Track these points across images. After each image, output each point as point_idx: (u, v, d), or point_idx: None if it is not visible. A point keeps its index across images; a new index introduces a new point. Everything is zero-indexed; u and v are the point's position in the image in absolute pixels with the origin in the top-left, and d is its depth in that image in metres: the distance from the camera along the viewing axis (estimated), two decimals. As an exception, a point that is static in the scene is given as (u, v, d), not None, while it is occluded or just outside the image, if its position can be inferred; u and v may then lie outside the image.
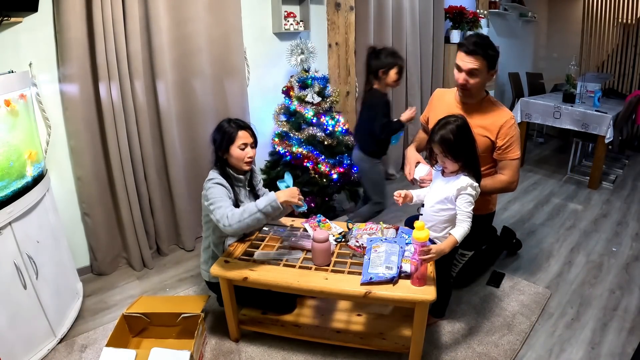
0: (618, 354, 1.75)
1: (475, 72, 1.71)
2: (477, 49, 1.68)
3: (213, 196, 1.64)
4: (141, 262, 2.44)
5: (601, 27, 5.44)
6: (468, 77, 1.73)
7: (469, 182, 1.54)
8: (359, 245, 1.71)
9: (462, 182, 1.54)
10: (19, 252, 1.61)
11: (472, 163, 1.56)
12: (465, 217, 1.54)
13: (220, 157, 1.76)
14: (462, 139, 1.52)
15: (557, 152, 4.85)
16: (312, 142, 2.69)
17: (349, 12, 3.10)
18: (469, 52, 1.69)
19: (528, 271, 2.37)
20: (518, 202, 3.38)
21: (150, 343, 1.73)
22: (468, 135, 1.54)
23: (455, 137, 1.50)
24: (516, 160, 1.81)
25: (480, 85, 1.75)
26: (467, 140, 1.54)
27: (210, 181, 1.69)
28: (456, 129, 1.51)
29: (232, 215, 1.57)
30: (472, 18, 4.22)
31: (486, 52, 1.69)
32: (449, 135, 1.51)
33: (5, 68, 1.77)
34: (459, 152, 1.52)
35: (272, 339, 1.80)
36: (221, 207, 1.60)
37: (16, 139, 1.62)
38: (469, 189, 1.53)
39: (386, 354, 1.72)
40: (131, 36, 2.14)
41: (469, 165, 1.56)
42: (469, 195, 1.53)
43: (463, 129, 1.53)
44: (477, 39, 1.71)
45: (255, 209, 1.57)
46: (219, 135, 1.75)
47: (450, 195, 1.56)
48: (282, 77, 3.00)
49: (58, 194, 2.07)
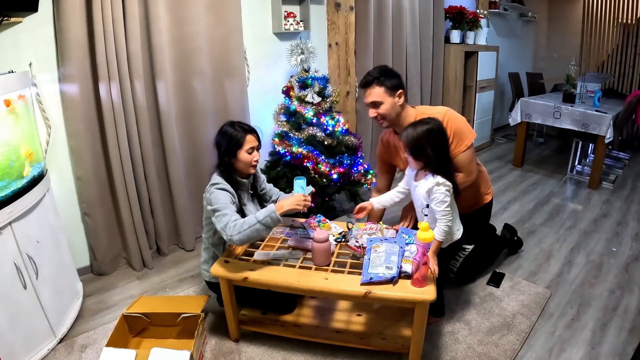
0: (618, 354, 1.75)
1: (378, 102, 1.74)
2: (368, 80, 1.73)
3: (217, 202, 1.62)
4: (141, 262, 2.44)
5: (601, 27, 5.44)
6: (374, 109, 1.76)
7: (436, 180, 1.55)
8: (359, 246, 1.71)
9: (429, 184, 1.56)
10: (19, 252, 1.61)
11: (437, 165, 1.56)
12: (440, 216, 1.56)
13: (226, 162, 1.74)
14: (427, 142, 1.53)
15: (557, 152, 4.86)
16: (312, 142, 2.69)
17: (349, 12, 3.10)
18: (363, 86, 1.75)
19: (528, 271, 2.37)
20: (518, 202, 3.38)
21: (150, 343, 1.73)
22: (435, 140, 1.54)
23: (418, 138, 1.53)
24: (464, 153, 1.79)
25: (392, 110, 1.77)
26: (433, 145, 1.54)
27: (214, 186, 1.67)
28: (424, 132, 1.54)
29: (234, 226, 1.56)
30: (472, 18, 4.22)
31: (378, 79, 1.73)
32: (413, 134, 1.54)
33: (5, 68, 1.77)
34: (420, 153, 1.55)
35: (272, 339, 1.80)
36: (226, 215, 1.59)
37: (16, 139, 1.62)
38: (436, 187, 1.55)
39: (386, 354, 1.72)
40: (131, 36, 2.14)
41: (430, 166, 1.57)
42: (439, 194, 1.55)
43: (432, 133, 1.54)
44: (370, 71, 1.77)
45: (254, 221, 1.57)
46: (224, 140, 1.71)
47: (423, 202, 1.62)
48: (282, 77, 3.00)
49: (58, 194, 2.07)
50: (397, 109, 1.78)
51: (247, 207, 1.81)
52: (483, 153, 4.80)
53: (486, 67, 4.49)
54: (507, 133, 5.60)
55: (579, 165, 4.12)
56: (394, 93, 1.75)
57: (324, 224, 1.91)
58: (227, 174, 1.73)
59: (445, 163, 1.58)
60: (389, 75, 1.75)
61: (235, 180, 1.75)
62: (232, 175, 1.74)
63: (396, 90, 1.76)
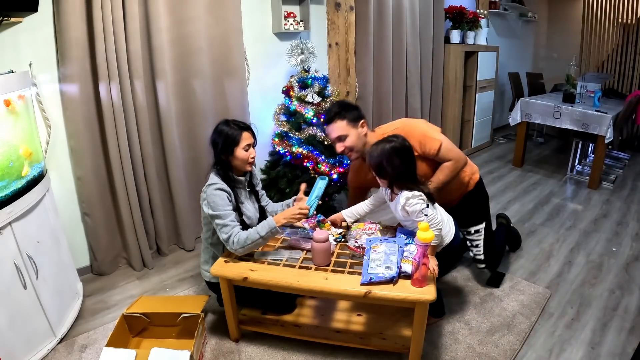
0: (618, 354, 1.75)
1: (343, 136, 1.78)
2: (329, 117, 1.78)
3: (217, 208, 1.64)
4: (141, 262, 2.44)
5: (601, 27, 5.44)
6: (341, 142, 1.78)
7: (405, 195, 1.56)
8: (358, 246, 1.71)
9: (401, 201, 1.57)
10: (19, 252, 1.61)
11: (402, 181, 1.57)
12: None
13: (223, 160, 1.74)
14: (387, 161, 1.54)
15: (557, 152, 4.86)
16: (312, 142, 2.69)
17: (349, 12, 3.10)
18: (326, 123, 1.79)
19: (528, 271, 2.37)
20: (518, 202, 3.38)
21: (150, 343, 1.73)
22: (396, 157, 1.55)
23: (379, 158, 1.55)
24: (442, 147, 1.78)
25: (358, 141, 1.80)
26: (393, 162, 1.54)
27: (211, 186, 1.67)
28: (385, 151, 1.55)
29: (237, 241, 1.62)
30: (472, 18, 4.22)
31: (339, 114, 1.76)
32: (374, 155, 1.57)
33: (5, 68, 1.77)
34: (383, 172, 1.57)
35: (272, 339, 1.80)
36: (227, 225, 1.64)
37: (16, 139, 1.62)
38: (409, 202, 1.55)
39: (386, 354, 1.72)
40: (131, 36, 2.14)
41: (395, 182, 1.58)
42: (414, 207, 1.55)
43: (394, 150, 1.55)
44: (329, 108, 1.83)
45: (257, 236, 1.63)
46: (221, 138, 1.71)
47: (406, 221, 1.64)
48: (282, 77, 3.00)
49: (58, 194, 2.07)
50: (362, 139, 1.82)
51: (244, 205, 1.81)
52: (483, 153, 4.80)
53: (486, 67, 4.49)
54: (507, 133, 5.60)
55: (579, 165, 4.12)
56: (356, 124, 1.79)
57: (324, 224, 1.91)
58: (224, 172, 1.74)
59: (409, 177, 1.58)
60: (349, 108, 1.80)
61: (232, 179, 1.75)
62: (229, 173, 1.75)
63: (358, 121, 1.80)
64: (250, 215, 1.83)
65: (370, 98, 3.48)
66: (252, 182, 1.92)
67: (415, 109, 3.89)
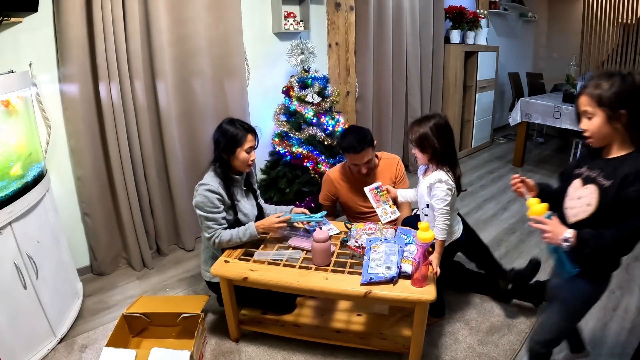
0: (618, 354, 1.75)
1: (370, 160, 2.04)
2: (362, 145, 1.96)
3: (204, 210, 1.70)
4: (141, 262, 2.44)
5: (601, 27, 5.43)
6: (367, 165, 2.03)
7: (439, 176, 1.57)
8: (358, 246, 1.71)
9: (431, 179, 1.59)
10: (19, 252, 1.61)
11: (443, 156, 1.59)
12: (438, 213, 1.58)
13: (223, 159, 1.74)
14: (434, 135, 1.56)
15: (557, 152, 4.85)
16: (312, 142, 2.69)
17: (349, 12, 3.10)
18: (360, 151, 1.96)
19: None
20: (518, 202, 3.37)
21: (150, 343, 1.73)
22: (443, 134, 1.58)
23: (424, 132, 1.57)
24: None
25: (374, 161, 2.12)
26: (439, 138, 1.57)
27: (203, 187, 1.69)
28: (433, 127, 1.57)
29: (218, 242, 1.73)
30: (472, 18, 4.22)
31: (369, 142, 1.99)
32: (419, 129, 1.59)
33: (5, 68, 1.77)
34: (426, 146, 1.58)
35: (272, 339, 1.80)
36: (211, 228, 1.73)
37: (16, 139, 1.62)
38: (438, 184, 1.57)
39: (386, 354, 1.72)
40: (131, 36, 2.14)
41: (436, 158, 1.59)
42: (440, 191, 1.56)
43: (437, 126, 1.58)
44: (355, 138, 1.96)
45: (238, 241, 1.75)
46: (224, 137, 1.71)
47: (425, 198, 1.64)
48: (282, 77, 3.00)
49: (58, 194, 2.07)
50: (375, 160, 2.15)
51: (240, 203, 1.82)
52: (483, 153, 4.80)
53: (486, 67, 4.49)
54: (507, 133, 5.60)
55: (579, 165, 4.11)
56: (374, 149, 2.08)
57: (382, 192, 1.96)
58: (222, 170, 1.74)
59: (450, 154, 1.60)
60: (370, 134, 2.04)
61: (229, 177, 1.76)
62: (227, 172, 1.75)
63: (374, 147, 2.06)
64: (247, 212, 1.83)
65: (370, 98, 3.49)
66: (250, 181, 1.92)
67: (415, 108, 3.89)
